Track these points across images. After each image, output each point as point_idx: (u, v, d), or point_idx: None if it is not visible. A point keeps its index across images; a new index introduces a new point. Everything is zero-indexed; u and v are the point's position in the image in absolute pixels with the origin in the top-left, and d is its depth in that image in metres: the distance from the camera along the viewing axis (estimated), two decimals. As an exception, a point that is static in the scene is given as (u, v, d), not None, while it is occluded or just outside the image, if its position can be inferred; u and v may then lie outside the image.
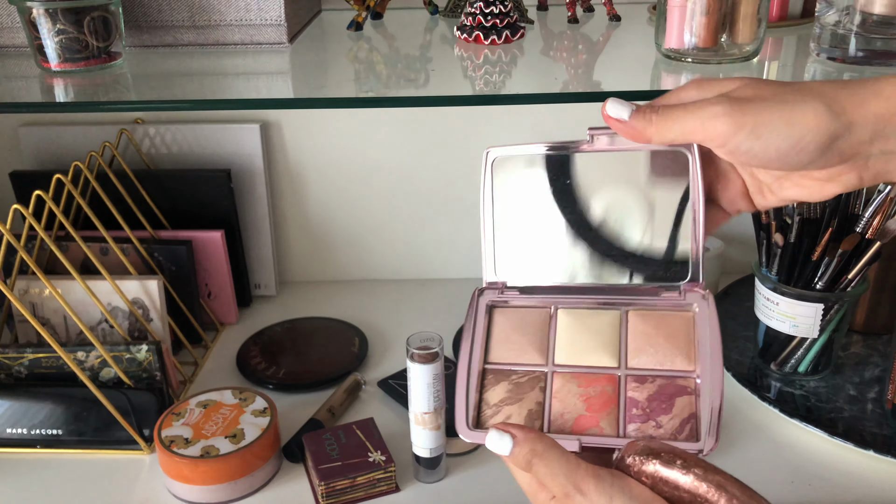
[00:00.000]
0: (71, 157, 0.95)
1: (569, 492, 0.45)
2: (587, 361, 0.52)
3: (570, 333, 0.54)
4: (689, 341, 0.52)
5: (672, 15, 0.64)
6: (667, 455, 0.43)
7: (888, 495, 0.70)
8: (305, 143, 1.01)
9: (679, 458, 0.43)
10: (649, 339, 0.52)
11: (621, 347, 0.53)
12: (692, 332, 0.52)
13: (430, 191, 1.03)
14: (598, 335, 0.53)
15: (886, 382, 0.78)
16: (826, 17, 0.63)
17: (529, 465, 0.46)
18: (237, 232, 0.97)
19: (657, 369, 0.51)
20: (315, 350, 0.93)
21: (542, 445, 0.46)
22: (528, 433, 0.46)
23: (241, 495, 0.72)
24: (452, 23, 0.82)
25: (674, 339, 0.52)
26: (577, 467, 0.45)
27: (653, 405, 0.49)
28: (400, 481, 0.73)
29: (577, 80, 0.66)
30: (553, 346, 0.53)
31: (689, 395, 0.49)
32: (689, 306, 0.53)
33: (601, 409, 0.50)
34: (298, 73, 0.70)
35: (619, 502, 0.43)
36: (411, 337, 0.67)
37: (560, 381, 0.52)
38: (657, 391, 0.50)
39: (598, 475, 0.44)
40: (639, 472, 0.44)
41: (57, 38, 0.65)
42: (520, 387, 0.52)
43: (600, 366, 0.52)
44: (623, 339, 0.53)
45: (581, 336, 0.53)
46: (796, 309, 0.79)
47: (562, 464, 0.45)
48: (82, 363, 0.78)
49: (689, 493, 0.42)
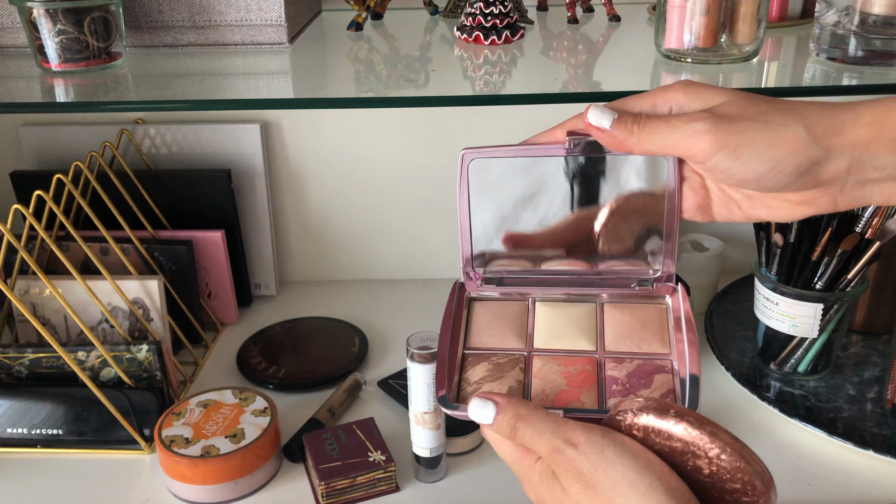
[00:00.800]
0: (71, 157, 0.95)
1: (557, 446, 0.43)
2: (566, 346, 0.53)
3: (548, 322, 0.55)
4: (662, 328, 0.53)
5: (672, 15, 0.64)
6: (659, 406, 0.43)
7: (888, 495, 0.70)
8: (305, 143, 1.01)
9: (672, 408, 0.43)
10: (626, 326, 0.54)
11: (598, 334, 0.54)
12: (665, 320, 0.54)
13: (431, 191, 1.03)
14: (575, 323, 0.55)
15: (886, 382, 0.78)
16: (826, 17, 0.63)
17: (514, 431, 0.45)
18: (237, 232, 0.98)
19: (634, 352, 0.52)
20: (315, 350, 0.93)
21: (525, 409, 0.45)
22: (510, 399, 0.46)
23: (242, 495, 0.72)
24: (452, 23, 0.82)
25: (649, 325, 0.54)
26: (565, 423, 0.44)
27: (632, 381, 0.50)
28: (400, 481, 0.73)
29: (576, 81, 0.66)
30: (532, 333, 0.54)
31: (666, 374, 0.51)
32: (661, 299, 0.55)
33: (582, 385, 0.50)
34: (298, 73, 0.70)
35: (611, 453, 0.42)
36: (411, 337, 0.67)
37: (540, 362, 0.52)
38: (636, 369, 0.51)
39: (588, 428, 0.44)
40: (630, 424, 0.44)
41: (57, 38, 0.65)
42: (500, 367, 0.52)
43: (579, 349, 0.53)
44: (600, 327, 0.54)
45: (559, 324, 0.55)
46: (796, 309, 0.79)
47: (548, 422, 0.44)
48: (83, 363, 0.78)
49: (681, 441, 0.42)
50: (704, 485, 0.43)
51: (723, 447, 0.41)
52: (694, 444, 0.42)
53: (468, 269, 0.56)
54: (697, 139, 0.44)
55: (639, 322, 0.54)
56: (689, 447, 0.42)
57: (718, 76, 0.64)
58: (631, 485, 0.41)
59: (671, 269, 0.54)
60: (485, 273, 0.56)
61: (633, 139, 0.46)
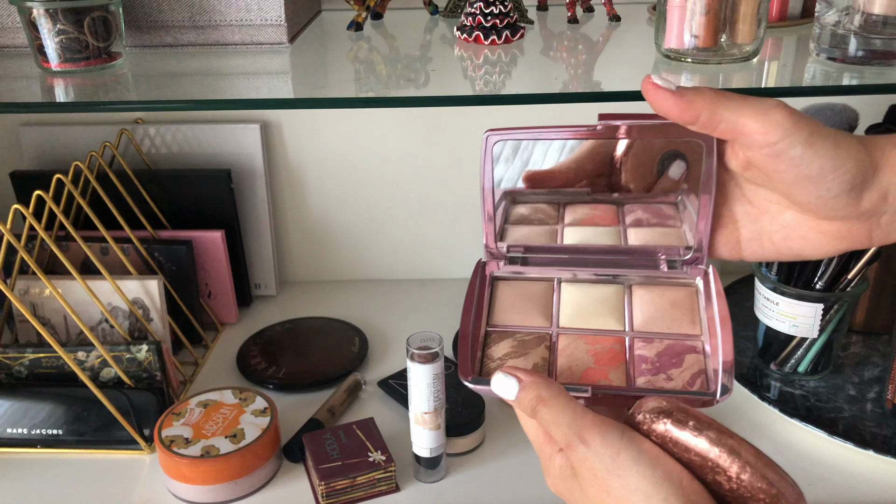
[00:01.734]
0: (71, 157, 0.95)
1: (571, 442, 0.42)
2: (593, 325, 0.52)
3: (575, 301, 0.53)
4: (693, 310, 0.52)
5: (672, 15, 0.64)
6: (679, 415, 0.40)
7: (888, 495, 0.70)
8: (305, 143, 1.01)
9: (692, 418, 0.40)
10: (655, 306, 0.52)
11: (626, 314, 0.52)
12: (696, 302, 0.52)
13: (430, 191, 1.03)
14: (603, 303, 0.53)
15: (886, 382, 0.78)
16: (826, 17, 0.63)
17: (535, 412, 0.43)
18: (237, 232, 0.97)
19: (664, 332, 0.51)
20: (315, 350, 0.93)
21: (548, 392, 0.43)
22: (535, 377, 0.44)
23: (241, 495, 0.72)
24: (452, 23, 0.82)
25: (679, 307, 0.52)
26: (583, 417, 0.42)
27: (662, 360, 0.48)
28: (400, 481, 0.73)
29: (577, 81, 0.66)
30: (558, 312, 0.53)
31: (697, 354, 0.49)
32: (691, 281, 0.53)
33: (610, 364, 0.48)
34: (298, 73, 0.70)
35: (626, 458, 0.40)
36: (411, 337, 0.67)
37: (566, 340, 0.51)
38: (665, 349, 0.49)
39: (606, 427, 0.41)
40: (649, 430, 0.41)
41: (57, 38, 0.65)
42: (524, 343, 0.51)
43: (607, 328, 0.51)
44: (628, 307, 0.52)
45: (586, 303, 0.53)
46: (796, 309, 0.79)
47: (567, 412, 0.42)
48: (82, 363, 0.78)
49: (699, 456, 0.39)
50: (725, 499, 0.40)
51: (743, 466, 0.39)
52: (712, 461, 0.39)
53: (491, 248, 0.55)
54: (775, 112, 0.42)
55: (668, 303, 0.52)
56: (707, 462, 0.39)
57: (718, 76, 0.64)
58: (646, 497, 0.39)
59: (702, 252, 0.51)
60: (508, 251, 0.55)
61: (703, 101, 0.43)
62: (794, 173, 0.43)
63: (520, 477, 0.74)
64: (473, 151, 1.01)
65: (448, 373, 0.85)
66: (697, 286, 0.53)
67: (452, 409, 0.76)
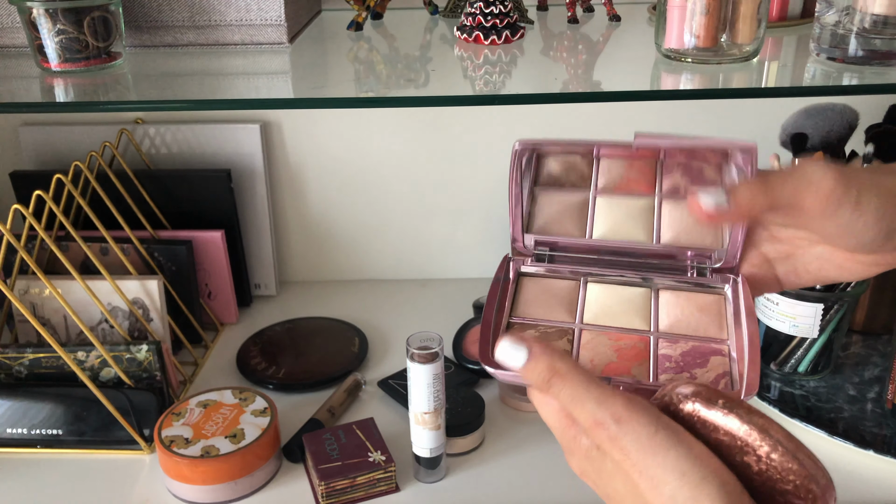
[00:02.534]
0: (71, 157, 0.95)
1: (601, 420, 0.38)
2: (618, 324, 0.51)
3: (601, 300, 0.53)
4: (720, 315, 0.51)
5: (672, 15, 0.64)
6: (708, 393, 0.39)
7: (888, 495, 0.70)
8: (305, 143, 1.01)
9: (721, 397, 0.39)
10: (682, 309, 0.52)
11: (652, 316, 0.52)
12: (723, 308, 0.52)
13: (430, 191, 1.03)
14: (629, 303, 0.53)
15: (886, 382, 0.78)
16: (826, 17, 0.63)
17: (549, 385, 0.40)
18: (237, 232, 0.97)
19: (689, 334, 0.50)
20: (315, 350, 0.93)
21: (563, 365, 0.39)
22: (546, 347, 0.40)
23: (241, 495, 0.72)
24: (452, 23, 0.82)
25: (706, 311, 0.51)
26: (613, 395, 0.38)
27: (686, 360, 0.48)
28: (400, 481, 0.73)
29: (576, 80, 0.66)
30: (583, 309, 0.52)
31: (722, 357, 0.48)
32: (720, 289, 0.53)
33: (633, 360, 0.48)
34: (298, 73, 0.70)
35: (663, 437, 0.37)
36: (411, 337, 0.67)
37: (589, 335, 0.50)
38: (690, 349, 0.49)
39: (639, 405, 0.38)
40: (676, 410, 0.39)
41: (57, 38, 0.65)
42: (547, 335, 0.50)
43: (631, 328, 0.51)
44: (654, 309, 0.52)
45: (612, 303, 0.53)
46: (796, 309, 0.79)
47: (591, 389, 0.39)
48: (82, 363, 0.78)
49: (728, 436, 0.38)
50: (753, 483, 0.38)
51: (774, 445, 0.37)
52: (742, 440, 0.38)
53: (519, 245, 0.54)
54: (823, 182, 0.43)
55: (696, 307, 0.52)
56: (736, 442, 0.38)
57: (718, 76, 0.64)
58: (682, 475, 0.37)
59: (734, 260, 0.51)
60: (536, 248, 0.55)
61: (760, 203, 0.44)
62: (837, 230, 0.44)
63: (520, 477, 0.74)
64: (473, 151, 1.01)
65: (448, 373, 0.86)
66: (726, 293, 0.53)
67: (452, 409, 0.76)
